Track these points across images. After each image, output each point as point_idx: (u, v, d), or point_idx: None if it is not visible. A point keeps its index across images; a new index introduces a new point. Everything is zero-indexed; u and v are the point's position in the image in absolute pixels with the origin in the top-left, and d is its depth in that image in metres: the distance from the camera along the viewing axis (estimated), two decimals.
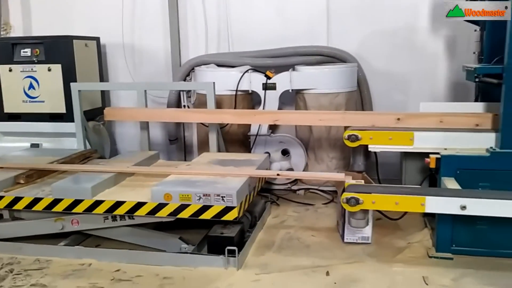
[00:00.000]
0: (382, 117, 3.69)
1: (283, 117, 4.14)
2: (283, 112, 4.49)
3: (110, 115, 4.47)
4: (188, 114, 4.47)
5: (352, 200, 2.84)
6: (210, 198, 3.01)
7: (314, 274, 3.03)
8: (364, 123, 3.67)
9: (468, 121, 3.40)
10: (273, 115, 4.15)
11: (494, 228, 3.11)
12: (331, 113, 4.16)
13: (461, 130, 3.32)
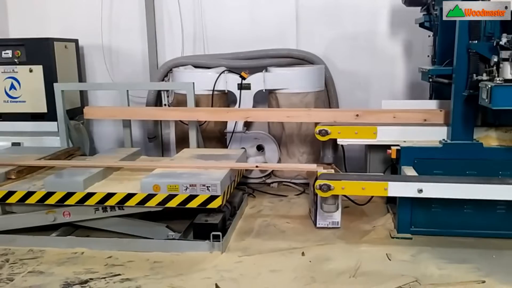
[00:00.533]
0: (343, 114, 4.09)
1: (254, 114, 4.47)
2: (253, 109, 4.78)
3: (89, 114, 4.65)
4: (165, 112, 4.72)
5: (324, 186, 3.20)
6: (196, 188, 3.30)
7: (291, 255, 3.37)
8: (327, 119, 4.05)
9: (417, 117, 3.83)
10: (244, 112, 4.48)
11: (447, 211, 3.56)
12: (297, 110, 4.52)
13: (417, 125, 3.75)
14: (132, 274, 3.10)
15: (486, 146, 3.47)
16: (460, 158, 3.49)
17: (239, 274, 3.07)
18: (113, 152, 4.43)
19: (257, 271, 3.13)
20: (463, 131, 3.48)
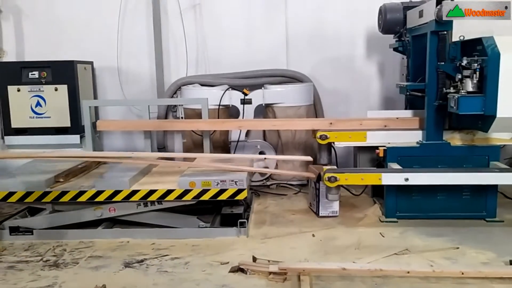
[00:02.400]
0: (320, 122, 4.90)
1: (245, 124, 5.21)
2: (245, 120, 5.47)
3: (102, 126, 5.20)
4: (171, 123, 5.40)
5: (332, 178, 3.98)
6: (226, 183, 4.00)
7: (304, 236, 4.11)
8: (306, 127, 4.96)
9: (378, 123, 4.65)
10: (238, 122, 5.20)
11: (425, 199, 4.42)
12: (280, 120, 5.37)
13: (399, 130, 4.60)
14: (178, 254, 3.74)
15: (453, 145, 4.36)
16: (433, 155, 4.36)
17: (266, 251, 3.76)
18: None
19: (280, 248, 3.84)
20: (435, 134, 4.36)
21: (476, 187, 4.31)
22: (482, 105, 3.76)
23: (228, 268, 3.44)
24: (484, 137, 4.38)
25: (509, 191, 5.23)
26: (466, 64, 3.88)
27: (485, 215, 4.40)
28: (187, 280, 3.29)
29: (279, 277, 3.24)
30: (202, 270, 3.44)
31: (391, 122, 4.61)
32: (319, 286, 3.18)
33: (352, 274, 3.24)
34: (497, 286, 3.12)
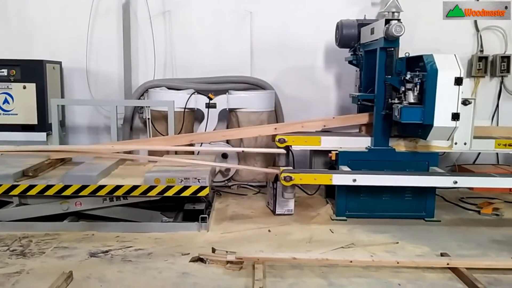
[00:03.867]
0: (264, 129, 5.26)
1: (196, 138, 5.33)
2: (196, 134, 5.68)
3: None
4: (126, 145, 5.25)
5: (287, 177, 4.33)
6: (189, 180, 4.27)
7: (261, 231, 4.43)
8: (251, 135, 5.36)
9: (317, 124, 5.06)
10: (189, 137, 5.28)
11: (372, 199, 4.84)
12: (229, 130, 5.70)
13: (351, 135, 5.02)
14: (142, 246, 3.97)
15: (398, 151, 4.81)
16: (380, 159, 4.79)
17: (225, 244, 4.05)
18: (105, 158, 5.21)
19: (239, 242, 4.14)
20: (381, 140, 4.80)
21: (417, 190, 4.77)
22: (421, 115, 4.22)
23: (189, 258, 3.71)
24: (425, 145, 4.85)
25: (448, 195, 5.77)
26: (409, 78, 4.35)
27: (424, 215, 4.86)
28: (150, 268, 3.53)
29: (236, 266, 3.54)
30: (164, 259, 3.70)
31: (328, 121, 5.05)
32: (272, 274, 3.49)
33: (302, 263, 3.58)
34: (428, 275, 3.53)
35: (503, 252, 4.01)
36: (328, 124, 5.00)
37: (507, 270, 3.56)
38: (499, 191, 6.03)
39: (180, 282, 3.32)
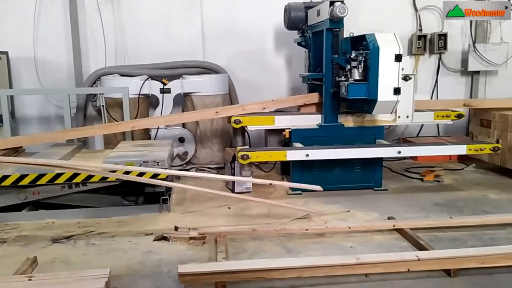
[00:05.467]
0: (206, 113, 5.36)
1: (138, 124, 5.31)
2: (138, 120, 5.58)
3: None
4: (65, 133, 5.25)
5: (244, 155, 4.51)
6: (148, 164, 4.36)
7: (220, 209, 4.60)
8: (193, 119, 5.61)
9: (257, 107, 5.18)
10: (131, 123, 5.27)
11: (324, 173, 5.12)
12: (171, 116, 5.79)
13: (303, 114, 5.25)
14: (104, 229, 4.05)
15: (346, 126, 5.10)
16: (330, 135, 5.06)
17: (187, 223, 4.19)
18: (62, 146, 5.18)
19: (200, 220, 4.30)
20: (331, 117, 5.06)
21: (365, 162, 5.09)
22: (366, 91, 4.50)
23: (153, 238, 3.83)
24: (371, 119, 5.16)
25: (394, 167, 6.17)
26: (354, 57, 4.61)
27: (373, 185, 5.20)
28: (115, 249, 3.63)
29: (199, 242, 3.70)
30: (128, 240, 3.80)
31: (267, 103, 5.24)
32: (234, 246, 3.68)
33: (261, 234, 3.79)
34: (377, 237, 3.84)
35: (443, 213, 4.41)
36: (267, 107, 5.19)
37: (446, 228, 3.94)
38: (440, 160, 6.52)
39: (145, 260, 3.44)
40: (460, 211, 4.49)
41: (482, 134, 5.91)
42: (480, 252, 3.13)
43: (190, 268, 2.91)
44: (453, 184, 5.42)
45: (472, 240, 3.74)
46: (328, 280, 3.06)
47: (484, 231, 3.91)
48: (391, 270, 3.09)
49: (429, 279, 3.08)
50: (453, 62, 7.09)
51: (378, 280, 3.09)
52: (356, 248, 3.63)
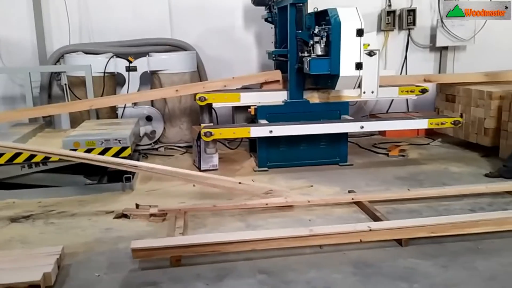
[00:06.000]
0: (166, 91, 5.40)
1: (96, 102, 5.22)
2: (96, 99, 5.44)
3: None
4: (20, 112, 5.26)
5: (208, 133, 4.50)
6: (110, 142, 4.31)
7: (185, 187, 4.59)
8: (153, 97, 5.66)
9: (217, 84, 5.15)
10: (89, 102, 5.20)
11: (290, 150, 5.15)
12: (129, 94, 5.69)
13: (268, 91, 5.23)
14: (65, 208, 4.02)
15: (312, 102, 5.11)
16: (296, 111, 5.06)
17: (150, 201, 4.18)
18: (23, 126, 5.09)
19: (164, 198, 4.29)
20: (296, 93, 5.06)
21: (330, 138, 5.13)
22: (328, 66, 4.50)
23: (113, 216, 3.82)
24: (336, 95, 5.18)
25: (362, 142, 6.24)
26: (317, 32, 4.59)
27: (338, 160, 5.25)
28: (73, 228, 3.61)
29: (159, 218, 3.70)
30: (88, 219, 3.78)
31: (228, 81, 5.20)
32: (195, 222, 3.70)
33: (222, 210, 3.81)
34: (336, 210, 3.90)
35: (404, 186, 4.47)
36: (228, 84, 5.16)
37: (404, 200, 4.01)
38: (408, 135, 6.60)
39: (104, 237, 3.43)
40: (421, 184, 4.57)
41: (447, 109, 5.99)
42: (430, 221, 3.20)
43: (143, 243, 2.92)
44: (418, 158, 5.51)
45: (428, 211, 3.83)
46: (283, 252, 3.11)
47: (441, 202, 4.00)
48: (344, 241, 3.15)
49: (381, 249, 3.15)
50: (422, 37, 7.12)
51: (331, 251, 3.14)
52: (315, 221, 3.68)
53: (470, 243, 3.20)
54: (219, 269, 2.92)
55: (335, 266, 2.96)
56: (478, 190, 4.08)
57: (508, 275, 2.82)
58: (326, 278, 2.81)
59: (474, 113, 5.49)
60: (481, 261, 2.99)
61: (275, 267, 2.94)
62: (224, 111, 5.94)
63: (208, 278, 2.82)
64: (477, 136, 5.48)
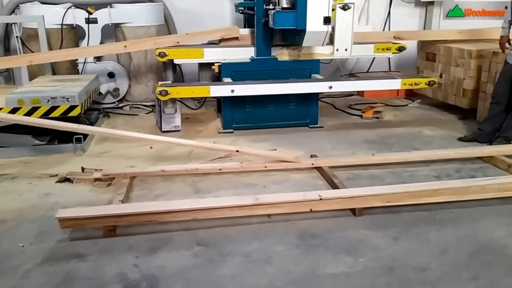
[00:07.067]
0: (113, 47, 5.09)
1: (36, 58, 4.76)
2: (36, 54, 4.95)
3: None
4: None
5: (163, 91, 4.20)
6: (57, 100, 4.02)
7: (142, 149, 4.34)
8: (97, 53, 5.32)
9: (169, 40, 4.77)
10: (28, 57, 4.77)
11: (257, 110, 4.87)
12: (73, 49, 5.26)
13: (234, 46, 4.87)
14: (7, 171, 3.78)
15: (280, 60, 4.78)
16: (263, 69, 4.75)
17: (101, 163, 3.93)
18: None
19: (115, 161, 4.05)
20: (264, 50, 4.72)
21: (300, 98, 4.85)
22: (294, 20, 4.14)
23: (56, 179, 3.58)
24: (308, 53, 4.85)
25: (339, 103, 5.96)
26: None
27: (308, 122, 4.99)
28: (11, 192, 3.38)
29: (103, 183, 3.47)
30: (28, 182, 3.55)
31: (181, 38, 4.84)
32: (142, 187, 3.48)
33: (171, 174, 3.58)
34: (295, 175, 3.68)
35: (371, 150, 4.24)
36: (181, 41, 4.78)
37: (368, 166, 3.79)
38: (388, 96, 6.33)
39: (40, 203, 3.21)
40: (389, 148, 4.34)
41: (427, 68, 5.67)
42: (385, 190, 2.99)
43: (70, 212, 2.69)
44: (392, 121, 5.26)
45: (391, 178, 3.62)
46: (227, 222, 2.90)
47: (406, 168, 3.78)
48: (293, 211, 2.94)
49: (332, 219, 2.95)
50: None
51: (280, 221, 2.94)
52: (270, 187, 3.47)
53: (427, 213, 3.01)
54: (155, 240, 2.72)
55: (279, 237, 2.76)
56: (447, 156, 3.86)
57: (460, 248, 2.64)
58: (266, 251, 2.62)
59: (454, 73, 5.19)
60: (435, 232, 2.80)
61: (215, 239, 2.75)
62: (194, 67, 5.60)
63: (141, 250, 2.63)
64: (455, 97, 5.21)
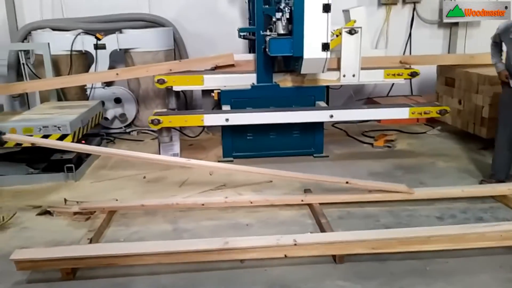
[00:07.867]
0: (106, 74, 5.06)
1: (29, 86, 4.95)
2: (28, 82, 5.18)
3: None
4: None
5: (155, 120, 4.08)
6: (49, 128, 3.99)
7: (135, 178, 4.24)
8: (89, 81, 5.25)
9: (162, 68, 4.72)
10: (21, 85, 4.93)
11: (258, 138, 4.67)
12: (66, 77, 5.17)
13: (235, 73, 4.73)
14: None
15: (282, 86, 4.58)
16: (264, 96, 4.56)
17: (90, 193, 3.86)
18: None
19: (106, 191, 3.95)
20: (265, 76, 4.55)
21: (304, 126, 4.61)
22: (290, 46, 3.94)
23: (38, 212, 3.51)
24: (313, 79, 4.62)
25: (352, 130, 5.65)
26: (282, 7, 4.02)
27: (313, 151, 4.73)
28: None
29: (82, 217, 3.36)
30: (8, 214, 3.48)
31: (174, 65, 4.73)
32: (120, 222, 3.35)
33: (151, 209, 3.43)
34: (284, 212, 3.43)
35: None
36: (174, 68, 4.67)
37: (364, 203, 3.49)
38: (406, 122, 5.95)
39: (14, 237, 3.13)
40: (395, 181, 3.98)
41: (446, 94, 5.29)
42: (371, 236, 2.69)
43: (26, 253, 2.58)
44: (404, 150, 4.91)
45: (388, 217, 3.31)
46: (196, 267, 2.70)
47: (407, 206, 3.45)
48: (266, 256, 2.70)
49: (310, 266, 2.69)
50: (429, 12, 6.31)
51: (253, 266, 2.71)
52: (253, 226, 3.25)
53: (418, 263, 2.69)
54: (115, 286, 2.55)
55: (246, 286, 2.52)
56: (452, 194, 3.49)
57: None
58: None
59: (473, 99, 4.80)
60: (422, 286, 2.47)
61: (178, 285, 2.54)
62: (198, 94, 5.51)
63: None
64: (474, 126, 4.80)
